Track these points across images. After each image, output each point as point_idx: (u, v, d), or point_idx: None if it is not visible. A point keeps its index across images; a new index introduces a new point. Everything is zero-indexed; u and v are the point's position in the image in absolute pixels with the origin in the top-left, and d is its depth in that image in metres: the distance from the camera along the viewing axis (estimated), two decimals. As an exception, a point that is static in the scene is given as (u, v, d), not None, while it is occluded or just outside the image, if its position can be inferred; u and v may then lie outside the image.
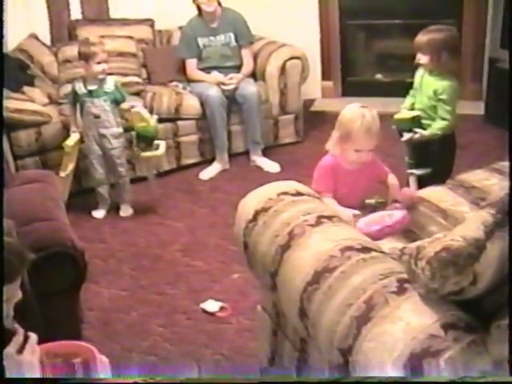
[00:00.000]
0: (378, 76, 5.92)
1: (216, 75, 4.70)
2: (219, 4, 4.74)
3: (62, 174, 3.88)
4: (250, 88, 4.64)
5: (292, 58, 4.85)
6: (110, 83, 3.90)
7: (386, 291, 1.62)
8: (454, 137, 3.39)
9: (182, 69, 4.89)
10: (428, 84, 3.40)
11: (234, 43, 4.82)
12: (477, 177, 2.72)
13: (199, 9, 4.76)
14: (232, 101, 4.63)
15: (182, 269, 3.41)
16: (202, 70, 4.81)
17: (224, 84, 4.62)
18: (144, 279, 3.35)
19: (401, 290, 1.62)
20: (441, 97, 3.30)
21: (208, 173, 4.57)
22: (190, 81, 4.83)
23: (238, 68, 4.81)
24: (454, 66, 3.40)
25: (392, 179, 2.82)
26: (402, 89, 3.70)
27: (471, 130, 4.96)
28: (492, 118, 4.97)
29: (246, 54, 4.87)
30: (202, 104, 4.60)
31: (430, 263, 1.52)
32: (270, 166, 4.61)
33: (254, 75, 4.89)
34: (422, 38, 3.41)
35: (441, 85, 3.32)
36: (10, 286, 1.58)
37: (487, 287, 1.51)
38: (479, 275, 1.49)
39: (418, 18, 5.56)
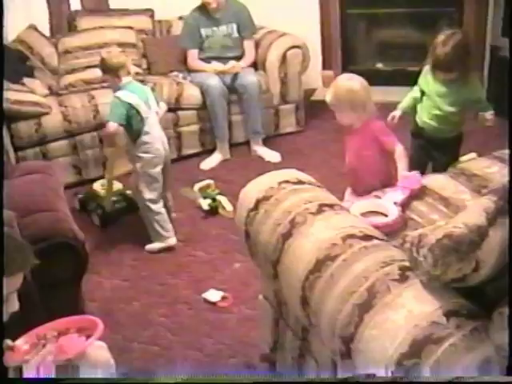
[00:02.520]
0: (379, 65, 5.89)
1: (216, 65, 4.68)
2: None
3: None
4: (250, 77, 4.62)
5: (293, 48, 4.82)
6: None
7: (388, 279, 1.62)
8: None
9: (183, 59, 4.88)
10: (451, 93, 3.20)
11: (236, 34, 4.80)
12: (478, 165, 2.73)
13: None
14: (232, 90, 4.62)
15: (183, 259, 3.41)
16: (203, 60, 4.79)
17: (224, 73, 4.60)
18: (145, 269, 3.35)
19: (403, 278, 1.62)
20: (474, 99, 3.30)
21: (209, 163, 4.56)
22: (190, 71, 4.81)
23: (239, 59, 4.79)
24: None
25: (400, 152, 2.79)
26: (403, 78, 3.70)
27: (472, 118, 4.92)
28: (493, 106, 4.93)
29: (248, 46, 4.85)
30: (203, 94, 4.59)
31: (431, 250, 1.52)
32: (271, 155, 4.60)
33: (254, 65, 4.87)
34: (446, 51, 3.07)
35: (469, 90, 3.24)
36: (11, 279, 1.58)
37: (490, 274, 1.51)
38: (481, 262, 1.49)
39: (419, 7, 5.56)
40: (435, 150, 3.31)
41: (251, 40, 4.86)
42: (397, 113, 3.29)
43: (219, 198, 3.80)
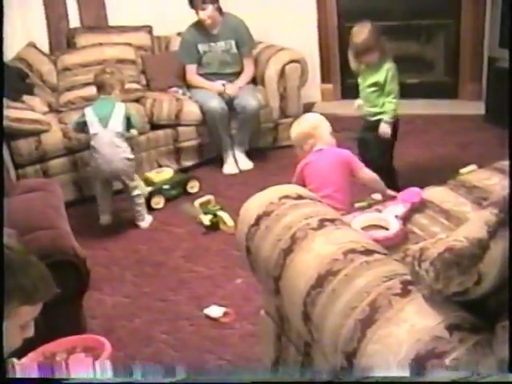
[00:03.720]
0: (378, 77, 5.90)
1: (217, 85, 4.70)
2: (220, 11, 4.71)
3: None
4: (251, 101, 4.62)
5: (291, 62, 4.84)
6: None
7: (390, 293, 1.61)
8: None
9: (182, 74, 4.90)
10: (369, 77, 3.67)
11: (234, 50, 4.80)
12: (478, 176, 2.72)
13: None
14: (231, 108, 4.63)
15: (184, 275, 3.41)
16: (202, 75, 4.80)
17: (225, 93, 4.62)
18: (147, 286, 3.34)
19: (405, 292, 1.61)
20: (388, 79, 3.62)
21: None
22: (189, 86, 4.83)
23: (238, 74, 4.81)
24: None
25: (367, 173, 3.03)
26: (401, 90, 3.70)
27: (472, 130, 4.96)
28: (492, 117, 4.95)
29: (247, 61, 4.86)
30: (202, 110, 4.60)
31: (433, 264, 1.52)
32: (244, 163, 4.67)
33: (253, 79, 4.88)
34: (362, 38, 3.58)
35: (386, 69, 3.62)
36: (32, 308, 1.56)
37: (492, 287, 1.51)
38: (484, 275, 1.48)
39: (417, 19, 5.59)
40: (370, 133, 3.73)
41: (250, 56, 4.88)
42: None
43: (220, 213, 3.80)
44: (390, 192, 3.02)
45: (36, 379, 1.61)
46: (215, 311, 3.02)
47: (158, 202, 4.20)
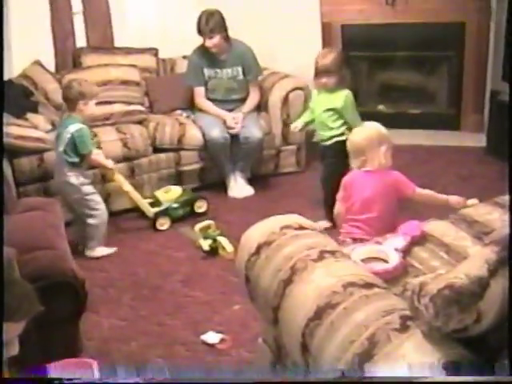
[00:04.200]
0: (380, 107, 5.93)
1: (224, 114, 4.70)
2: (226, 38, 4.71)
3: None
4: (254, 132, 4.62)
5: (295, 89, 4.85)
6: None
7: (389, 328, 1.61)
8: None
9: (186, 97, 4.91)
10: (325, 101, 3.84)
11: (241, 77, 4.79)
12: (479, 211, 2.73)
13: None
14: (234, 136, 4.62)
15: (182, 299, 3.39)
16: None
17: (229, 127, 4.62)
18: (144, 309, 3.32)
19: (404, 328, 1.61)
20: (347, 105, 3.79)
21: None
22: (194, 109, 4.83)
23: (243, 100, 4.81)
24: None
25: (420, 192, 3.09)
26: (404, 120, 3.73)
27: (473, 162, 4.97)
28: (494, 150, 4.97)
29: (253, 88, 4.85)
30: (205, 137, 4.61)
31: (433, 301, 1.52)
32: (246, 189, 4.68)
33: (257, 106, 4.90)
34: (325, 61, 3.78)
35: (344, 95, 3.79)
36: (15, 325, 1.56)
37: (491, 325, 1.51)
38: (483, 313, 1.48)
39: (421, 50, 5.63)
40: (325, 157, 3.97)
41: (256, 82, 4.89)
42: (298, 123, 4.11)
43: (220, 238, 3.79)
44: (455, 198, 3.06)
45: (36, 379, 1.60)
46: (212, 337, 3.00)
47: (164, 223, 4.17)
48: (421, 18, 5.40)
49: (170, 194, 4.31)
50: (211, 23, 4.57)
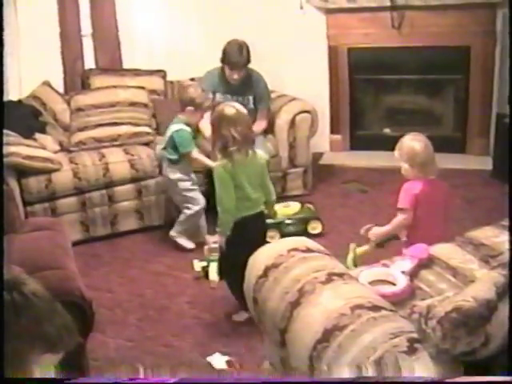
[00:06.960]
0: (386, 130, 5.94)
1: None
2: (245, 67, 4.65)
3: None
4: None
5: (302, 112, 4.86)
6: None
7: (397, 351, 1.61)
8: None
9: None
10: None
11: (251, 105, 4.71)
12: (485, 234, 2.73)
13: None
14: None
15: (188, 321, 3.39)
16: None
17: None
18: (150, 330, 3.32)
19: (411, 350, 1.62)
20: None
21: None
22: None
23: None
24: None
25: None
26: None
27: (479, 186, 4.97)
28: (500, 173, 4.97)
29: (262, 113, 4.80)
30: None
31: (440, 323, 1.52)
32: None
33: (264, 130, 4.89)
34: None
35: None
36: (54, 357, 1.54)
37: (499, 347, 1.51)
38: (491, 336, 1.49)
39: (426, 74, 5.65)
40: None
41: (265, 112, 4.83)
42: None
43: (212, 264, 3.57)
44: None
45: (36, 379, 1.59)
46: (218, 360, 3.00)
47: (273, 236, 4.02)
48: (426, 41, 5.42)
49: (287, 210, 4.29)
50: (244, 57, 4.56)
